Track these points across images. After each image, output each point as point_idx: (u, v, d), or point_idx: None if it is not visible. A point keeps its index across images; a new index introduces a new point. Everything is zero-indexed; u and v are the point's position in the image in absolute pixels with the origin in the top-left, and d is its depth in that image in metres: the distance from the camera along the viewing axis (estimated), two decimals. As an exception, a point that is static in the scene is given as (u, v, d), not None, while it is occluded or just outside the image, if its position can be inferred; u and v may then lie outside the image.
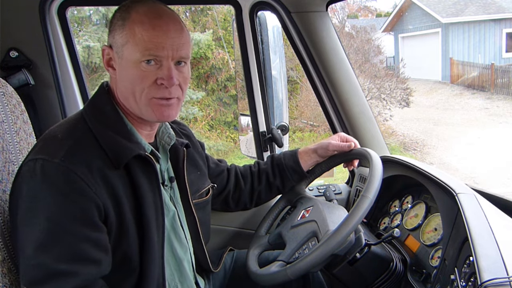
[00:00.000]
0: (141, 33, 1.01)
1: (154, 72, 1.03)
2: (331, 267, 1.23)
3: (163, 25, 1.02)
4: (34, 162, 0.95)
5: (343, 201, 1.91)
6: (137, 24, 1.01)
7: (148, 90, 1.04)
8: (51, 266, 0.91)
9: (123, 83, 1.06)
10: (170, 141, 1.21)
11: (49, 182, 0.93)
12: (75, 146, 0.98)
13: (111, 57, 1.07)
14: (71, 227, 0.93)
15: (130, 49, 1.02)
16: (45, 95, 1.69)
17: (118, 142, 1.03)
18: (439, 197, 1.30)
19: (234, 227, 1.83)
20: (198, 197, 1.30)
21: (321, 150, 1.47)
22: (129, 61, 1.02)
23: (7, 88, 1.15)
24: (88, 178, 0.95)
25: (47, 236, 0.92)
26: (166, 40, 1.02)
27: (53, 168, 0.93)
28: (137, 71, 1.02)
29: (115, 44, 1.05)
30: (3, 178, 1.05)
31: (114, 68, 1.07)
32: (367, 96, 8.84)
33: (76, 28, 9.40)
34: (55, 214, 0.93)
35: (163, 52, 1.02)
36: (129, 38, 1.01)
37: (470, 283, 0.94)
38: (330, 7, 1.74)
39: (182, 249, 1.22)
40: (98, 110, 1.08)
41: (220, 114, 10.36)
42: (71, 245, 0.93)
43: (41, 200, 0.93)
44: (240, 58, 1.88)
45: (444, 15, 14.63)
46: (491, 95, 12.47)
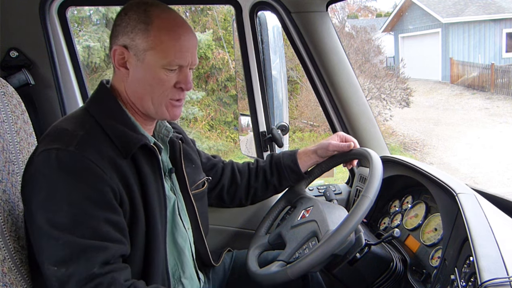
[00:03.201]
0: (169, 42, 1.06)
1: (174, 77, 1.09)
2: (331, 267, 1.23)
3: (186, 35, 1.09)
4: (48, 151, 0.97)
5: (343, 201, 1.91)
6: (163, 32, 1.05)
7: (167, 93, 1.10)
8: (79, 242, 0.94)
9: (140, 84, 1.09)
10: (168, 133, 1.26)
11: (65, 169, 0.96)
12: (87, 136, 1.02)
13: (125, 57, 1.08)
14: (93, 210, 0.97)
15: (155, 56, 1.06)
16: (45, 95, 1.69)
17: (125, 132, 1.07)
18: (439, 197, 1.30)
19: (234, 227, 1.83)
20: (194, 188, 1.33)
21: (321, 151, 1.47)
22: (152, 66, 1.06)
23: (7, 88, 1.15)
24: (102, 164, 0.99)
25: (71, 219, 0.95)
26: (188, 50, 1.09)
27: (68, 155, 0.97)
28: (159, 76, 1.07)
29: (135, 47, 1.06)
30: (3, 178, 1.05)
31: (127, 68, 1.09)
32: (367, 96, 8.83)
33: (76, 28, 9.40)
34: (76, 198, 0.96)
35: (186, 61, 1.09)
36: (155, 45, 1.05)
37: (470, 283, 0.94)
38: (330, 7, 1.74)
39: (182, 238, 1.24)
40: (102, 104, 1.11)
41: (220, 114, 10.37)
42: (94, 227, 0.97)
43: (60, 187, 0.96)
44: (240, 58, 1.88)
45: (444, 15, 14.63)
46: (491, 95, 12.47)
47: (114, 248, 0.99)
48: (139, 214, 1.07)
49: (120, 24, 1.08)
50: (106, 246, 0.97)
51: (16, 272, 1.02)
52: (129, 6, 1.09)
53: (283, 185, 1.52)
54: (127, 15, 1.07)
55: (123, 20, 1.08)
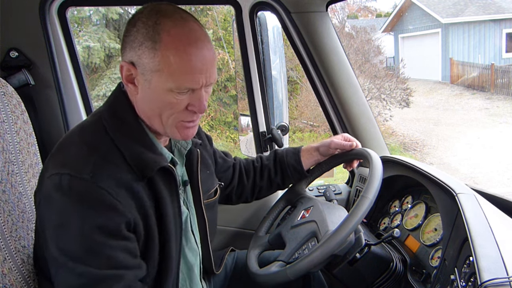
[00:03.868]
0: (177, 64, 0.93)
1: (186, 99, 0.98)
2: (331, 267, 1.23)
3: (198, 54, 0.95)
4: (60, 176, 0.91)
5: (343, 201, 1.91)
6: (171, 52, 0.93)
7: (177, 115, 1.00)
8: (95, 273, 0.91)
9: (149, 105, 1.00)
10: (186, 145, 1.18)
11: (78, 198, 0.91)
12: (102, 161, 0.95)
13: (132, 74, 0.98)
14: (106, 240, 0.92)
15: (163, 78, 0.94)
16: (45, 95, 1.69)
17: (143, 154, 1.00)
18: (439, 197, 1.30)
19: (234, 227, 1.83)
20: (207, 197, 1.28)
21: (323, 148, 1.47)
22: (160, 88, 0.96)
23: (7, 88, 1.15)
24: (118, 193, 0.93)
25: (85, 250, 0.91)
26: (201, 72, 0.96)
27: (82, 184, 0.91)
28: (168, 99, 0.97)
29: (141, 66, 0.95)
30: (2, 178, 1.05)
31: (135, 85, 1.00)
32: (367, 96, 8.84)
33: (76, 28, 9.41)
34: (88, 228, 0.91)
35: (198, 84, 0.97)
36: (162, 66, 0.93)
37: (470, 283, 0.94)
38: (330, 7, 1.74)
39: (193, 255, 1.22)
40: (120, 120, 1.02)
41: (220, 114, 10.36)
42: (109, 256, 0.93)
43: (72, 216, 0.91)
44: (240, 58, 1.88)
45: (444, 15, 14.62)
46: (491, 95, 12.46)
47: (131, 275, 0.96)
48: (154, 237, 1.03)
49: (128, 35, 0.97)
50: (123, 274, 0.93)
51: (16, 272, 1.02)
52: (139, 14, 0.97)
53: (286, 183, 1.53)
54: (135, 27, 0.96)
55: (131, 33, 0.96)
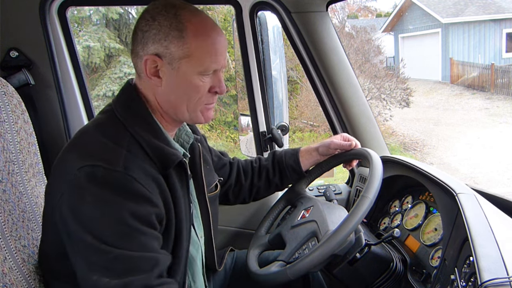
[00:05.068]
0: (205, 48, 1.02)
1: (209, 82, 1.07)
2: (331, 267, 1.23)
3: (219, 38, 1.05)
4: (92, 168, 0.94)
5: (343, 201, 1.91)
6: (200, 38, 1.01)
7: (203, 98, 1.07)
8: (131, 255, 0.93)
9: (175, 93, 1.05)
10: (189, 139, 1.22)
11: (112, 188, 0.94)
12: (130, 155, 0.99)
13: (157, 66, 1.03)
14: (140, 227, 0.95)
15: (191, 63, 1.02)
16: (45, 95, 1.69)
17: (162, 148, 1.04)
18: (439, 197, 1.30)
19: (234, 227, 1.83)
20: (209, 191, 1.30)
21: (322, 148, 1.47)
22: (188, 74, 1.03)
23: (8, 88, 1.15)
24: (149, 185, 0.98)
25: (120, 236, 0.94)
26: (222, 54, 1.06)
27: (116, 176, 0.94)
28: (195, 83, 1.04)
29: (169, 56, 1.01)
30: (3, 177, 1.05)
31: (159, 77, 1.04)
32: (367, 96, 8.83)
33: (76, 28, 9.41)
34: (123, 216, 0.93)
35: (220, 65, 1.06)
36: (192, 52, 1.01)
37: (470, 283, 0.94)
38: (330, 7, 1.74)
39: (194, 248, 1.23)
40: (136, 116, 1.06)
41: (220, 114, 10.36)
42: (143, 241, 0.96)
43: (107, 204, 0.93)
44: (240, 58, 1.88)
45: (444, 15, 14.62)
46: (491, 95, 12.46)
47: (163, 260, 0.99)
48: (171, 230, 1.06)
49: (149, 30, 1.01)
50: (157, 258, 0.96)
51: (17, 271, 1.02)
52: (155, 9, 1.02)
53: (284, 184, 1.53)
54: (156, 21, 1.00)
55: (152, 26, 1.01)
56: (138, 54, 1.04)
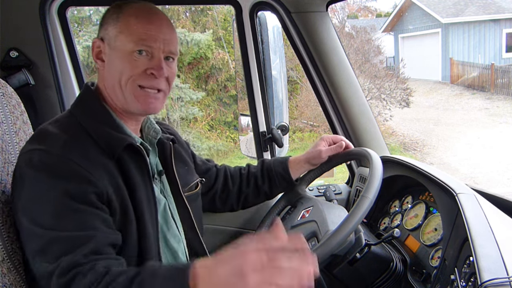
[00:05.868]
0: (136, 24, 1.07)
1: (145, 62, 1.08)
2: (331, 267, 1.23)
3: (157, 20, 1.09)
4: (31, 152, 0.98)
5: (343, 201, 1.91)
6: (132, 17, 1.08)
7: (135, 77, 1.08)
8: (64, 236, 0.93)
9: (112, 72, 1.10)
10: (156, 135, 1.25)
11: (48, 170, 0.96)
12: (71, 139, 1.02)
13: (101, 50, 1.11)
14: (77, 205, 0.95)
15: (123, 39, 1.07)
16: (45, 95, 1.69)
17: (109, 133, 1.07)
18: (439, 197, 1.30)
19: (234, 227, 1.83)
20: (187, 190, 1.32)
21: (314, 160, 1.48)
22: (121, 51, 1.07)
23: (6, 89, 1.14)
24: (88, 166, 0.98)
25: (53, 216, 0.94)
26: (159, 33, 1.08)
27: (52, 158, 0.97)
28: (128, 60, 1.07)
29: (107, 36, 1.09)
30: (2, 179, 1.05)
31: (103, 61, 1.11)
32: (367, 96, 8.83)
33: (76, 28, 9.41)
34: (60, 196, 0.94)
35: (155, 43, 1.07)
36: (123, 29, 1.07)
37: (470, 283, 0.94)
38: (330, 7, 1.74)
39: (175, 240, 1.23)
40: (86, 106, 1.12)
41: (220, 114, 10.37)
42: (77, 219, 0.95)
43: (41, 186, 0.95)
44: (240, 58, 1.88)
45: (444, 15, 14.62)
46: (491, 95, 12.47)
47: (100, 236, 0.96)
48: (130, 216, 1.06)
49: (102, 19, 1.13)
50: (92, 235, 0.95)
51: (15, 273, 1.02)
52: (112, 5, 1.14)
53: (274, 192, 1.53)
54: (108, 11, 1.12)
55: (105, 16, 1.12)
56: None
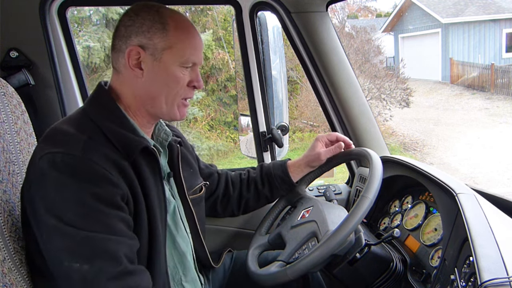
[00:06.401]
0: (186, 40, 1.09)
1: (188, 75, 1.12)
2: (331, 267, 1.23)
3: (197, 34, 1.13)
4: (53, 155, 0.96)
5: (343, 201, 1.91)
6: (181, 31, 1.09)
7: (181, 92, 1.12)
8: (96, 237, 0.94)
9: (155, 84, 1.10)
10: (167, 137, 1.25)
11: (72, 172, 0.96)
12: (90, 141, 1.01)
13: (140, 57, 1.08)
14: (103, 208, 0.96)
15: (173, 54, 1.08)
16: (45, 95, 1.69)
17: (125, 135, 1.07)
18: (439, 197, 1.30)
19: (234, 227, 1.83)
20: (192, 193, 1.32)
21: (314, 163, 1.49)
22: (169, 64, 1.08)
23: (7, 89, 1.14)
24: (108, 166, 0.99)
25: (83, 217, 0.94)
26: (201, 49, 1.14)
27: (74, 160, 0.96)
28: (176, 74, 1.09)
29: (152, 46, 1.07)
30: (3, 178, 1.05)
31: (141, 69, 1.09)
32: (367, 96, 8.84)
33: (76, 28, 9.40)
34: (85, 198, 0.95)
35: (199, 59, 1.14)
36: (173, 43, 1.07)
37: (470, 283, 0.94)
38: (330, 7, 1.74)
39: (184, 242, 1.24)
40: (101, 107, 1.10)
41: (220, 114, 10.36)
42: (107, 223, 0.96)
43: (68, 188, 0.95)
44: (240, 58, 1.88)
45: (444, 15, 14.62)
46: (491, 95, 12.47)
47: (130, 243, 0.99)
48: (142, 216, 1.06)
49: (132, 25, 1.07)
50: (123, 241, 0.97)
51: (16, 272, 1.02)
52: (137, 7, 1.09)
53: (274, 195, 1.53)
54: (139, 16, 1.07)
55: (135, 21, 1.07)
56: (121, 48, 1.09)
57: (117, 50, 1.10)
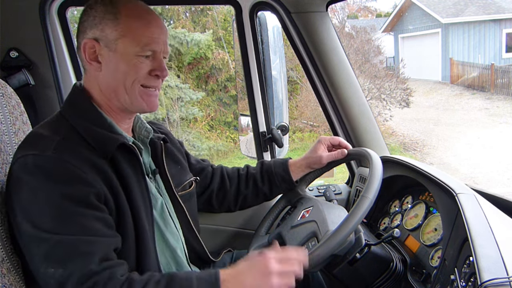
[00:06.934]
0: (140, 28, 1.06)
1: (148, 64, 1.09)
2: (331, 267, 1.23)
3: (156, 20, 1.09)
4: (25, 157, 0.97)
5: (343, 201, 1.91)
6: (133, 19, 1.06)
7: (140, 79, 1.09)
8: (70, 240, 0.93)
9: (114, 75, 1.08)
10: (148, 134, 1.25)
11: (43, 173, 0.95)
12: (63, 141, 1.01)
13: (96, 51, 1.07)
14: (75, 208, 0.95)
15: (127, 43, 1.05)
16: (45, 95, 1.69)
17: (101, 134, 1.07)
18: (439, 197, 1.30)
19: (234, 227, 1.83)
20: (181, 190, 1.32)
21: (315, 165, 1.48)
22: (125, 54, 1.06)
23: (6, 89, 1.14)
24: (82, 166, 0.98)
25: (56, 220, 0.94)
26: (160, 35, 1.09)
27: (46, 160, 0.96)
28: (133, 63, 1.07)
29: (105, 38, 1.06)
30: (0, 179, 1.05)
31: (99, 62, 1.08)
32: (367, 97, 8.83)
33: (76, 28, 9.40)
34: (58, 198, 0.94)
35: (158, 46, 1.09)
36: (126, 32, 1.05)
37: (470, 283, 0.94)
38: (330, 7, 1.74)
39: (174, 238, 1.24)
40: (76, 107, 1.10)
41: (220, 114, 10.37)
42: (81, 223, 0.96)
43: (39, 190, 0.95)
44: (240, 58, 1.88)
45: (444, 15, 14.62)
46: (491, 96, 12.46)
47: (106, 242, 0.98)
48: (126, 214, 1.06)
49: (86, 19, 1.07)
50: (98, 241, 0.96)
51: (14, 273, 1.02)
52: (93, 1, 1.08)
53: (274, 193, 1.52)
54: (92, 9, 1.07)
55: (89, 15, 1.07)
56: (80, 44, 1.09)
57: (78, 48, 1.10)
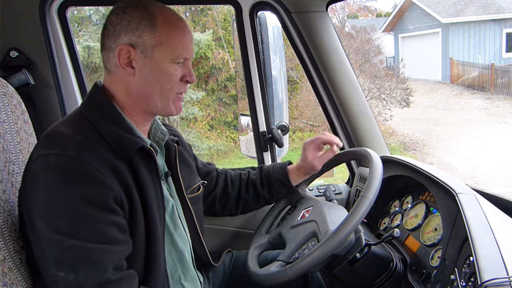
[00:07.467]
0: (176, 36, 1.08)
1: (180, 71, 1.11)
2: (331, 267, 1.23)
3: (187, 29, 1.12)
4: (47, 157, 0.96)
5: (343, 201, 1.91)
6: (170, 27, 1.07)
7: (175, 87, 1.12)
8: (84, 246, 0.93)
9: (148, 81, 1.09)
10: (164, 137, 1.25)
11: (65, 174, 0.95)
12: (85, 141, 1.00)
13: (130, 56, 1.06)
14: (94, 213, 0.95)
15: (163, 51, 1.07)
16: (45, 95, 1.69)
17: (122, 135, 1.06)
18: (439, 197, 1.30)
19: (234, 227, 1.83)
20: (190, 192, 1.33)
21: (311, 171, 1.50)
22: (160, 61, 1.07)
23: (8, 88, 1.15)
24: (102, 168, 0.98)
25: (72, 223, 0.94)
26: (191, 44, 1.12)
27: (68, 161, 0.95)
28: (168, 71, 1.09)
29: (142, 44, 1.06)
30: (3, 178, 1.05)
31: (132, 67, 1.07)
32: (367, 96, 8.84)
33: (76, 28, 9.40)
34: (76, 202, 0.94)
35: (190, 54, 1.12)
36: (163, 40, 1.06)
37: (470, 283, 0.94)
38: (330, 7, 1.74)
39: (182, 241, 1.24)
40: (97, 107, 1.10)
41: (220, 114, 10.36)
42: (98, 229, 0.96)
43: (60, 192, 0.94)
44: (240, 58, 1.88)
45: (444, 15, 14.62)
46: (491, 95, 12.47)
47: (119, 251, 0.98)
48: (139, 216, 1.06)
49: (120, 23, 1.06)
50: (112, 250, 0.96)
51: (16, 272, 1.02)
52: (124, 4, 1.07)
53: (273, 197, 1.53)
54: (127, 13, 1.05)
55: (123, 19, 1.06)
56: (111, 47, 1.07)
57: (107, 49, 1.09)
